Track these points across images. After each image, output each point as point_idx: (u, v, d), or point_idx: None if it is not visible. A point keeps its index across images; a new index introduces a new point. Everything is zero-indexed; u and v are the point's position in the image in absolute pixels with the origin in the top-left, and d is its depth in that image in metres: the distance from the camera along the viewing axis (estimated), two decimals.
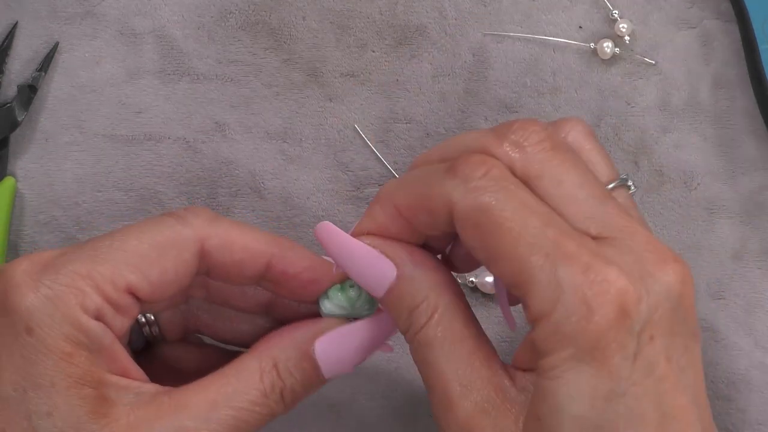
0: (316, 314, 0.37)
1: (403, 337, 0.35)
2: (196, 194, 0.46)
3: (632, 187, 0.36)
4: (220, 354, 0.40)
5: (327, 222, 0.36)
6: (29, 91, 0.46)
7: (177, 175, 0.46)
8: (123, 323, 0.35)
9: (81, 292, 0.33)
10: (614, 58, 0.46)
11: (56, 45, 0.46)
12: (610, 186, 0.35)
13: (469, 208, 0.32)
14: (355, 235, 0.36)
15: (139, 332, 0.39)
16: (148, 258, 0.34)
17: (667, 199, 0.46)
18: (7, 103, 0.46)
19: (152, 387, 0.35)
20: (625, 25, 0.46)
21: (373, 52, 0.47)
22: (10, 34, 0.46)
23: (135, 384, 0.34)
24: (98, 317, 0.34)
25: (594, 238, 0.32)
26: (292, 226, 0.46)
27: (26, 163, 0.46)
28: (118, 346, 0.34)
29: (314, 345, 0.36)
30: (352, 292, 0.37)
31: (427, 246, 0.36)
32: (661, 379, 0.31)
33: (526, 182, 0.33)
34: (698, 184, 0.46)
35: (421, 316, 0.34)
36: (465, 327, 0.34)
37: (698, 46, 0.47)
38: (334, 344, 0.36)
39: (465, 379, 0.33)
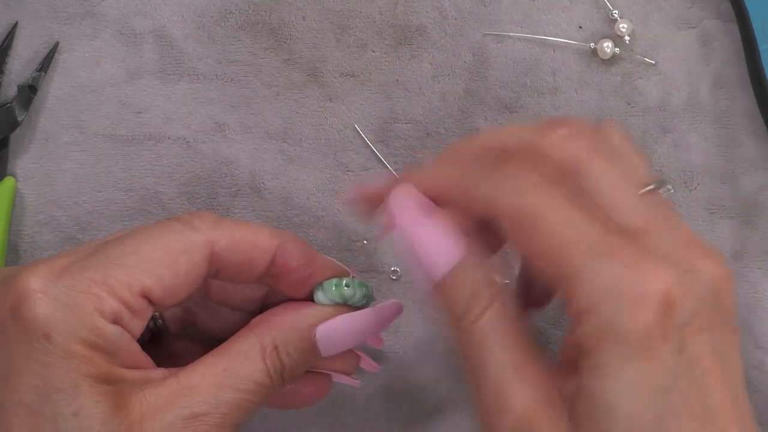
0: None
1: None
2: (196, 194, 0.46)
3: (671, 189, 0.36)
4: (212, 346, 0.41)
5: (410, 185, 0.35)
6: (29, 91, 0.46)
7: (177, 175, 0.46)
8: (138, 325, 0.35)
9: (98, 297, 0.34)
10: (614, 58, 0.46)
11: (56, 45, 0.46)
12: (649, 188, 0.35)
13: (511, 209, 0.32)
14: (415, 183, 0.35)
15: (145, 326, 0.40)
16: (162, 263, 0.35)
17: (667, 199, 0.46)
18: (7, 103, 0.46)
19: (159, 372, 0.36)
20: (625, 25, 0.46)
21: (373, 52, 0.47)
22: (10, 34, 0.46)
23: (146, 373, 0.35)
24: (116, 321, 0.34)
25: (637, 230, 0.32)
26: (292, 226, 0.46)
27: (26, 163, 0.46)
28: (134, 345, 0.35)
29: (316, 330, 0.37)
30: (347, 291, 0.38)
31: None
32: (705, 373, 0.31)
33: (573, 174, 0.33)
34: (698, 184, 0.46)
35: (480, 304, 0.33)
36: (522, 321, 0.34)
37: (698, 46, 0.47)
38: (335, 330, 0.38)
39: (522, 372, 0.33)
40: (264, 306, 0.40)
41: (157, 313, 0.40)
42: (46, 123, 0.46)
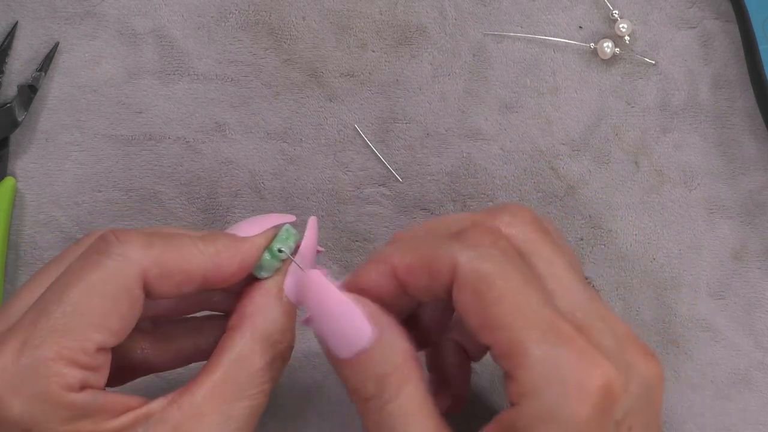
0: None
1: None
2: (196, 194, 0.46)
3: (594, 286, 0.37)
4: (172, 331, 0.40)
5: (318, 272, 0.35)
6: (29, 91, 0.46)
7: (177, 175, 0.46)
8: (104, 375, 0.34)
9: (60, 376, 0.33)
10: (614, 58, 0.46)
11: (56, 45, 0.46)
12: (588, 280, 0.36)
13: (473, 273, 0.33)
14: (344, 289, 0.35)
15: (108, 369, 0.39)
16: (105, 311, 0.34)
17: (667, 199, 0.46)
18: (7, 103, 0.46)
19: (156, 404, 0.34)
20: (625, 25, 0.46)
21: (373, 52, 0.47)
22: (10, 34, 0.46)
23: (141, 412, 0.34)
24: (83, 387, 0.33)
25: (584, 323, 0.33)
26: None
27: (26, 163, 0.46)
28: (108, 396, 0.34)
29: (284, 291, 0.37)
30: (282, 254, 0.37)
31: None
32: None
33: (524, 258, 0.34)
34: (698, 184, 0.46)
35: (394, 385, 0.33)
36: (432, 402, 0.34)
37: (698, 46, 0.47)
38: (295, 278, 0.37)
39: None
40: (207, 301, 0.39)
41: None
42: (46, 123, 0.46)
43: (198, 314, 0.41)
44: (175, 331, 0.40)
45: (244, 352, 0.35)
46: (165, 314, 0.40)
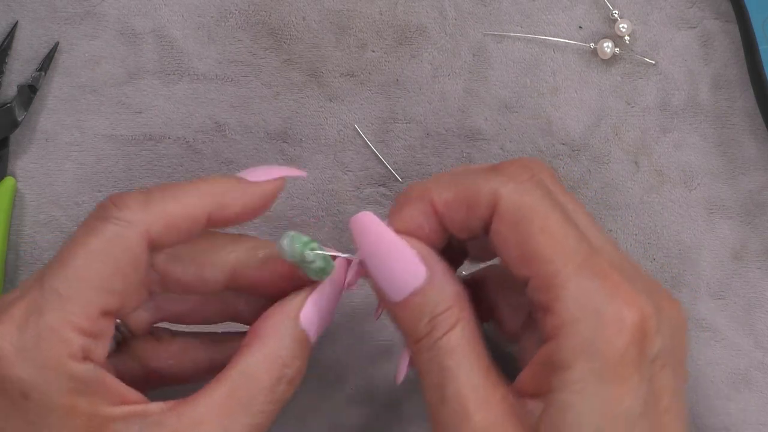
0: (283, 279, 0.37)
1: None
2: None
3: None
4: (190, 342, 0.40)
5: (370, 213, 0.35)
6: (29, 91, 0.46)
7: (177, 175, 0.46)
8: (105, 346, 0.34)
9: (64, 341, 0.33)
10: (614, 58, 0.46)
11: (56, 45, 0.46)
12: None
13: (514, 205, 0.33)
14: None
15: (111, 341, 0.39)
16: (107, 273, 0.34)
17: (667, 199, 0.46)
18: (7, 103, 0.46)
19: (155, 407, 0.34)
20: (625, 25, 0.46)
21: (373, 52, 0.47)
22: (10, 34, 0.46)
23: (138, 409, 0.34)
24: (85, 356, 0.33)
25: (616, 264, 0.33)
26: (292, 226, 0.46)
27: (26, 163, 0.46)
28: (109, 377, 0.34)
29: (300, 320, 0.36)
30: (309, 256, 0.36)
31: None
32: (665, 411, 0.32)
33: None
34: (698, 184, 0.46)
35: (445, 323, 0.34)
36: (483, 343, 0.34)
37: (698, 46, 0.47)
38: (314, 308, 0.37)
39: (483, 392, 0.33)
40: (235, 283, 0.38)
41: (118, 321, 0.38)
42: (46, 123, 0.46)
43: (218, 327, 0.41)
44: (192, 342, 0.40)
45: (251, 370, 0.35)
46: (188, 317, 0.40)
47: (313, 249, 0.36)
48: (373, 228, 0.35)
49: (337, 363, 0.45)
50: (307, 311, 0.37)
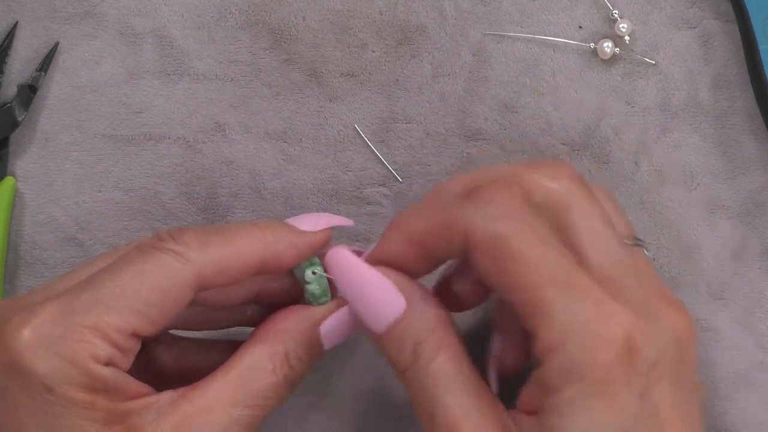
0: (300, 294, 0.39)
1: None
2: (196, 194, 0.46)
3: (646, 253, 0.36)
4: (190, 346, 0.41)
5: (342, 248, 0.36)
6: (29, 91, 0.46)
7: (177, 175, 0.46)
8: (129, 360, 0.35)
9: (91, 344, 0.33)
10: (614, 58, 0.46)
11: (56, 45, 0.46)
12: (630, 242, 0.36)
13: (485, 237, 0.33)
14: (368, 262, 0.36)
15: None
16: (151, 301, 0.34)
17: (667, 199, 0.46)
18: (7, 103, 0.46)
19: (166, 395, 0.35)
20: (625, 25, 0.46)
21: (373, 52, 0.47)
22: (10, 34, 0.46)
23: (152, 399, 0.35)
24: (109, 363, 0.34)
25: (607, 275, 0.33)
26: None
27: (26, 163, 0.46)
28: (129, 379, 0.35)
29: (320, 328, 0.37)
30: (311, 280, 0.38)
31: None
32: (665, 423, 0.32)
33: (556, 211, 0.34)
34: (698, 184, 0.46)
35: (429, 351, 0.34)
36: (470, 367, 0.34)
37: (698, 46, 0.47)
38: (336, 324, 0.38)
39: (474, 417, 0.33)
40: (259, 299, 0.40)
41: None
42: (46, 123, 0.46)
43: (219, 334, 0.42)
44: (192, 346, 0.41)
45: (261, 363, 0.36)
46: (196, 323, 0.40)
47: (314, 271, 0.38)
48: (345, 263, 0.36)
49: (337, 363, 0.45)
50: (329, 323, 0.37)
